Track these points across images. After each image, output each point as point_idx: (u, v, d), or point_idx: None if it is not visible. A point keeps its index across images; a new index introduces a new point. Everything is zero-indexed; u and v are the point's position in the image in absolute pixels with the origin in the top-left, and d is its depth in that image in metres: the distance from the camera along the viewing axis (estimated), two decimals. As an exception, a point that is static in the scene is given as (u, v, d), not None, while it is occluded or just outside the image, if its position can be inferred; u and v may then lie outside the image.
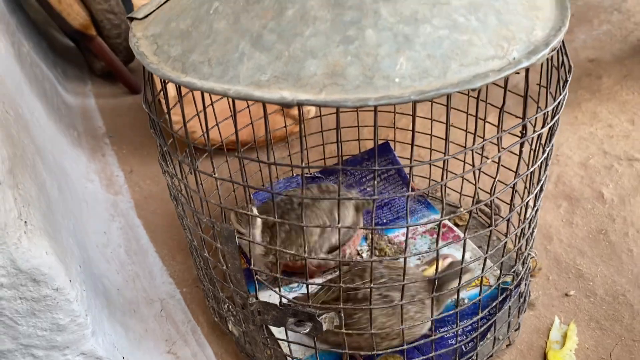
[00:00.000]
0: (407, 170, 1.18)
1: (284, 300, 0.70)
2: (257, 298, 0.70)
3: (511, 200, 0.70)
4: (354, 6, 0.58)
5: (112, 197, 1.27)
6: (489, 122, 0.86)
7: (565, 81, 0.70)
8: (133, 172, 1.37)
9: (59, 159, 1.14)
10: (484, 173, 0.98)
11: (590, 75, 1.52)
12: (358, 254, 1.06)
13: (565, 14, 0.66)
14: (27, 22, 1.68)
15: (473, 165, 0.66)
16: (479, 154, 1.12)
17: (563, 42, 0.71)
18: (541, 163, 0.72)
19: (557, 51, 0.70)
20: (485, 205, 1.09)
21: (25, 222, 0.67)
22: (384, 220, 1.11)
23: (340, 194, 0.62)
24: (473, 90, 0.54)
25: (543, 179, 0.74)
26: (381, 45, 0.56)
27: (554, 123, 0.71)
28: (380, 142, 1.24)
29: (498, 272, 0.81)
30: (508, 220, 0.80)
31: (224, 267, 0.70)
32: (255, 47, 0.58)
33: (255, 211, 0.80)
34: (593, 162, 1.24)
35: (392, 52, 0.56)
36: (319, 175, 1.21)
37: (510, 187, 0.67)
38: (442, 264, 0.83)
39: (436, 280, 0.69)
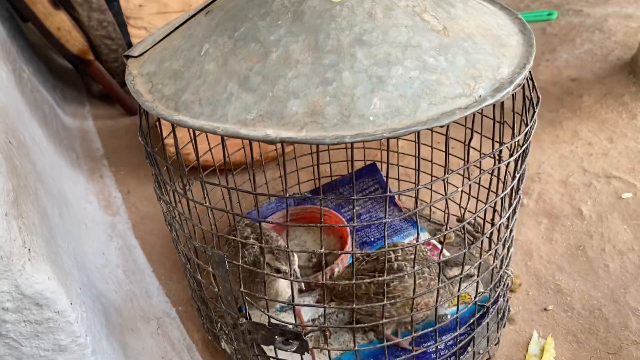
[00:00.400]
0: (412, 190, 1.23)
1: (272, 321, 0.74)
2: (247, 318, 0.75)
3: (483, 225, 0.75)
4: (332, 50, 0.63)
5: (110, 218, 1.32)
6: (472, 147, 0.91)
7: (534, 112, 0.75)
8: (130, 193, 1.41)
9: (58, 183, 1.19)
10: (466, 193, 1.03)
11: (571, 94, 1.58)
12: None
13: (530, 50, 0.71)
14: (27, 47, 1.73)
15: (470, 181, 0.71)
16: (460, 174, 1.16)
17: (531, 75, 0.76)
18: (511, 189, 0.77)
19: (525, 83, 0.75)
20: (469, 224, 1.14)
21: (29, 249, 0.71)
22: (371, 239, 1.16)
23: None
24: (441, 127, 0.59)
25: (515, 202, 0.79)
26: (357, 86, 0.61)
27: (524, 151, 0.76)
28: (368, 162, 1.29)
29: (479, 289, 0.86)
30: (483, 241, 0.85)
31: (216, 289, 0.74)
32: (242, 88, 0.63)
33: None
34: (573, 180, 1.29)
35: (367, 93, 0.61)
36: (309, 195, 1.25)
37: (478, 215, 0.72)
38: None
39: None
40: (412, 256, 0.87)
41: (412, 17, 0.67)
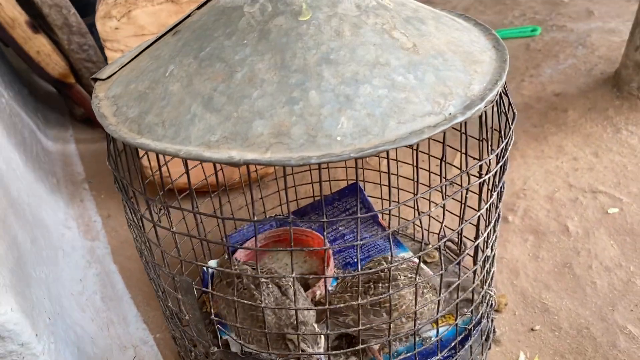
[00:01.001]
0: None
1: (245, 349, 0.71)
2: (218, 347, 0.72)
3: (459, 243, 0.73)
4: (299, 69, 0.62)
5: (90, 243, 1.29)
6: (454, 166, 0.90)
7: (509, 129, 0.73)
8: (111, 217, 1.39)
9: (35, 208, 1.16)
10: (443, 210, 1.01)
11: (556, 109, 1.57)
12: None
13: (503, 66, 0.70)
14: (8, 72, 1.72)
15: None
16: (438, 191, 1.14)
17: (506, 90, 0.74)
18: (490, 205, 0.75)
19: (501, 100, 0.73)
20: (452, 242, 1.12)
21: (-9, 279, 0.69)
22: (354, 260, 1.13)
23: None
24: (409, 146, 0.58)
25: (494, 219, 0.77)
26: (324, 106, 0.59)
27: (502, 167, 0.74)
28: (350, 182, 1.27)
29: (462, 310, 0.83)
30: (464, 259, 0.82)
31: (186, 317, 0.72)
32: (206, 108, 0.62)
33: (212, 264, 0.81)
34: (559, 196, 1.28)
35: (334, 112, 0.59)
36: (285, 219, 1.23)
37: (458, 233, 0.70)
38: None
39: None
40: (404, 266, 0.86)
41: (381, 34, 0.66)
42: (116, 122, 0.66)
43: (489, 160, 0.70)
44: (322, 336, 0.79)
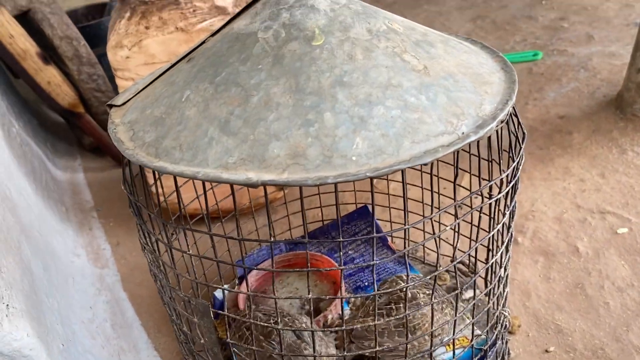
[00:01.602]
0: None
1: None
2: (234, 370, 0.72)
3: (475, 264, 0.73)
4: (313, 92, 0.63)
5: (99, 270, 1.29)
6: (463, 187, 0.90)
7: (520, 148, 0.74)
8: (120, 244, 1.39)
9: (46, 236, 1.17)
10: (455, 232, 1.01)
11: (561, 132, 1.59)
12: (341, 318, 1.07)
13: (512, 87, 0.71)
14: (18, 102, 1.74)
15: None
16: (449, 213, 1.15)
17: (515, 111, 0.75)
18: (502, 225, 0.75)
19: (510, 120, 0.74)
20: (464, 264, 1.12)
21: (7, 305, 0.69)
22: (365, 284, 1.13)
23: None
24: (424, 165, 0.58)
25: (507, 239, 0.77)
26: (339, 127, 0.60)
27: (513, 186, 0.75)
28: (359, 205, 1.28)
29: (477, 332, 0.83)
30: (476, 281, 0.82)
31: (202, 341, 0.72)
32: (223, 132, 0.63)
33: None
34: (567, 217, 1.28)
35: (349, 133, 0.60)
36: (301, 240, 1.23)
37: (471, 255, 0.70)
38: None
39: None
40: (421, 284, 0.86)
41: (392, 57, 0.67)
42: (133, 147, 0.67)
43: (500, 180, 0.70)
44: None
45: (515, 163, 0.72)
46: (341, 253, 0.65)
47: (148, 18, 1.16)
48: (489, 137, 0.69)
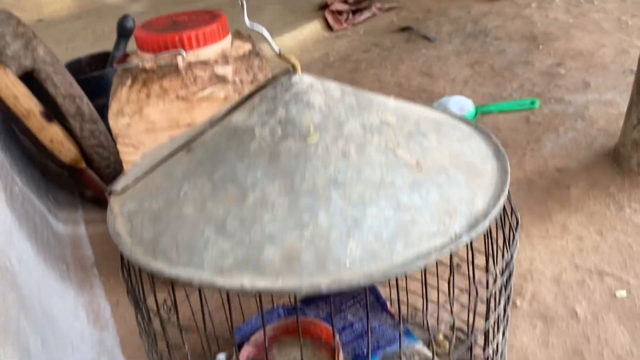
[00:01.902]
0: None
1: None
2: None
3: (471, 344, 0.73)
4: (308, 191, 0.64)
5: (99, 333, 1.29)
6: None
7: (513, 237, 0.75)
8: (119, 303, 1.39)
9: (45, 303, 1.17)
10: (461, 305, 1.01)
11: (558, 185, 1.60)
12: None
13: (505, 177, 0.72)
14: (21, 156, 1.76)
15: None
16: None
17: (509, 199, 0.76)
18: (496, 304, 0.76)
19: (504, 210, 0.75)
20: (461, 330, 1.11)
21: (5, 398, 0.69)
22: (364, 351, 1.13)
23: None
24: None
25: (502, 326, 0.78)
26: (332, 229, 0.62)
27: (507, 278, 0.76)
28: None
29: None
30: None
31: None
32: (219, 232, 0.64)
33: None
34: (566, 277, 1.28)
35: (342, 236, 0.61)
36: (300, 306, 1.23)
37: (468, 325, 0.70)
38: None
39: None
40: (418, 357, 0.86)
41: (386, 153, 0.69)
42: (131, 243, 0.68)
43: (499, 269, 0.71)
44: None
45: (510, 254, 0.73)
46: (334, 322, 0.65)
47: (149, 86, 1.18)
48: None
